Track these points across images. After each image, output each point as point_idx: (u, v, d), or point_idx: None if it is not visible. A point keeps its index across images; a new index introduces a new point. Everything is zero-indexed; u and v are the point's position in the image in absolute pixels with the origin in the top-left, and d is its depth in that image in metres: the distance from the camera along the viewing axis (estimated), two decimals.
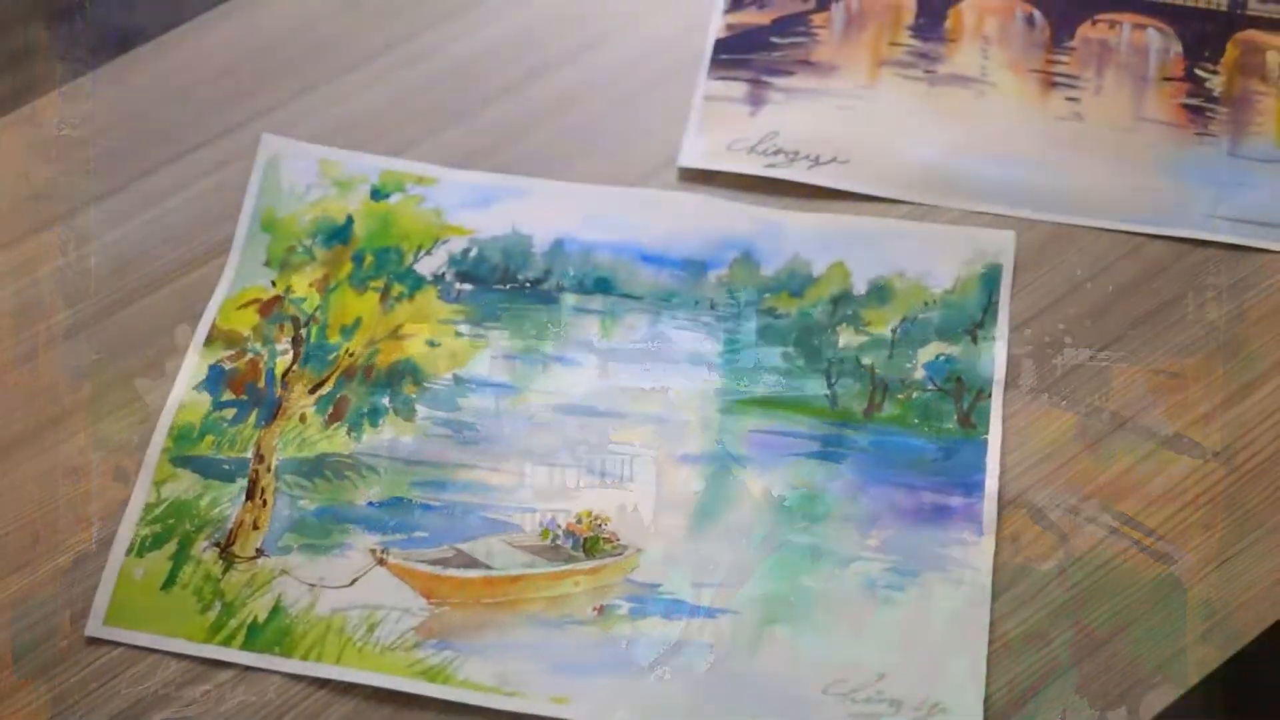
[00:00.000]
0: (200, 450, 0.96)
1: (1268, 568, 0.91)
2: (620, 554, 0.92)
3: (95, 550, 0.93)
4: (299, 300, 1.02)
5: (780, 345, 1.00)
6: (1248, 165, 1.07)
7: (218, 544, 0.93)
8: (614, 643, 0.89)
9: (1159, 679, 0.87)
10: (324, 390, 0.99)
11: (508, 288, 1.03)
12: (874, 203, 1.06)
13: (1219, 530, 0.92)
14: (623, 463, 0.96)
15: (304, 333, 1.01)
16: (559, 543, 0.93)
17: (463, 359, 1.00)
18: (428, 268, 1.04)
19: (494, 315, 1.02)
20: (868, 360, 1.00)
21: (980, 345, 1.00)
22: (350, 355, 1.00)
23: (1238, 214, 1.05)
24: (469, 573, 0.91)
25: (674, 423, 0.97)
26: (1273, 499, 0.93)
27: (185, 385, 0.99)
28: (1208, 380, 0.98)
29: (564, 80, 1.13)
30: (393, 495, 0.94)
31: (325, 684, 0.88)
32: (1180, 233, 1.04)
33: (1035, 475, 0.95)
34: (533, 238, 1.05)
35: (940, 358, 0.99)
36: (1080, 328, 1.01)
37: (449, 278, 1.03)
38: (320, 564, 0.92)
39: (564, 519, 0.94)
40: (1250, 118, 1.10)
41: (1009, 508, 0.94)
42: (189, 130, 1.11)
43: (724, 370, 0.99)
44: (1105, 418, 0.97)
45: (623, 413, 0.97)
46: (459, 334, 1.01)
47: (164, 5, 2.00)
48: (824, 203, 1.07)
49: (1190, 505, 0.93)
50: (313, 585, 0.91)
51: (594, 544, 0.93)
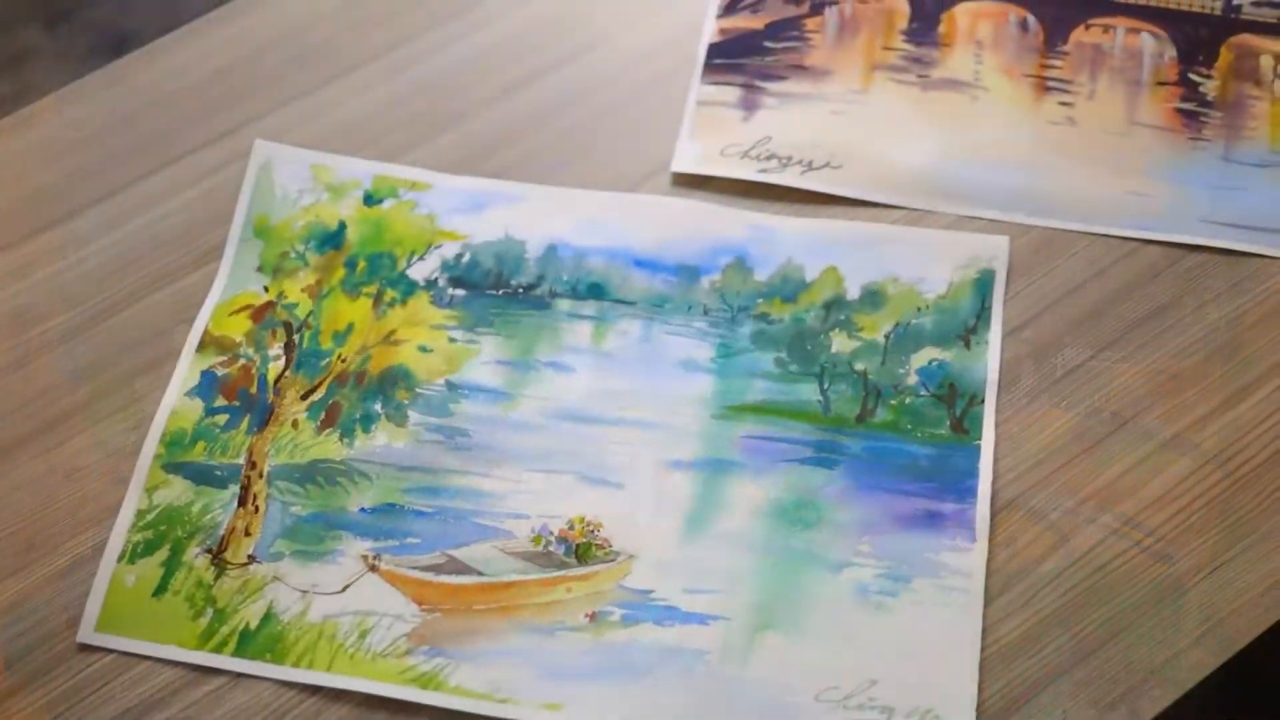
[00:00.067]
0: (192, 456, 0.96)
1: (1262, 573, 0.91)
2: (613, 560, 0.92)
3: (89, 556, 0.93)
4: (291, 306, 1.02)
5: (773, 351, 1.00)
6: (1242, 170, 1.07)
7: (210, 550, 0.93)
8: (606, 649, 0.89)
9: (1155, 683, 0.87)
10: (316, 396, 0.99)
11: (500, 293, 1.03)
12: (867, 208, 1.06)
13: (1214, 535, 0.92)
14: (615, 469, 0.95)
15: (296, 338, 1.01)
16: (551, 549, 0.93)
17: (455, 364, 1.00)
18: (420, 273, 1.04)
19: (487, 321, 1.02)
20: (861, 366, 0.99)
21: (974, 350, 1.00)
22: (343, 361, 1.00)
23: (1232, 218, 1.05)
24: (461, 579, 0.91)
25: (667, 428, 0.97)
26: (1267, 504, 0.93)
27: (177, 391, 0.99)
28: (1203, 385, 0.98)
29: (557, 85, 1.13)
30: (385, 501, 0.94)
31: (317, 691, 0.88)
32: (1175, 238, 1.04)
33: (1030, 479, 0.95)
34: (526, 243, 1.05)
35: (933, 363, 0.99)
36: (1074, 333, 1.01)
37: (442, 283, 1.03)
38: (312, 570, 0.92)
39: (556, 525, 0.93)
40: (1244, 122, 1.09)
41: (1004, 512, 0.93)
42: (183, 135, 1.11)
43: (717, 376, 0.99)
44: (1099, 422, 0.97)
45: (615, 418, 0.97)
46: (452, 339, 1.01)
47: (159, 9, 2.00)
48: (817, 208, 1.06)
49: (1185, 510, 0.93)
50: (305, 592, 0.91)
51: (587, 550, 0.93)
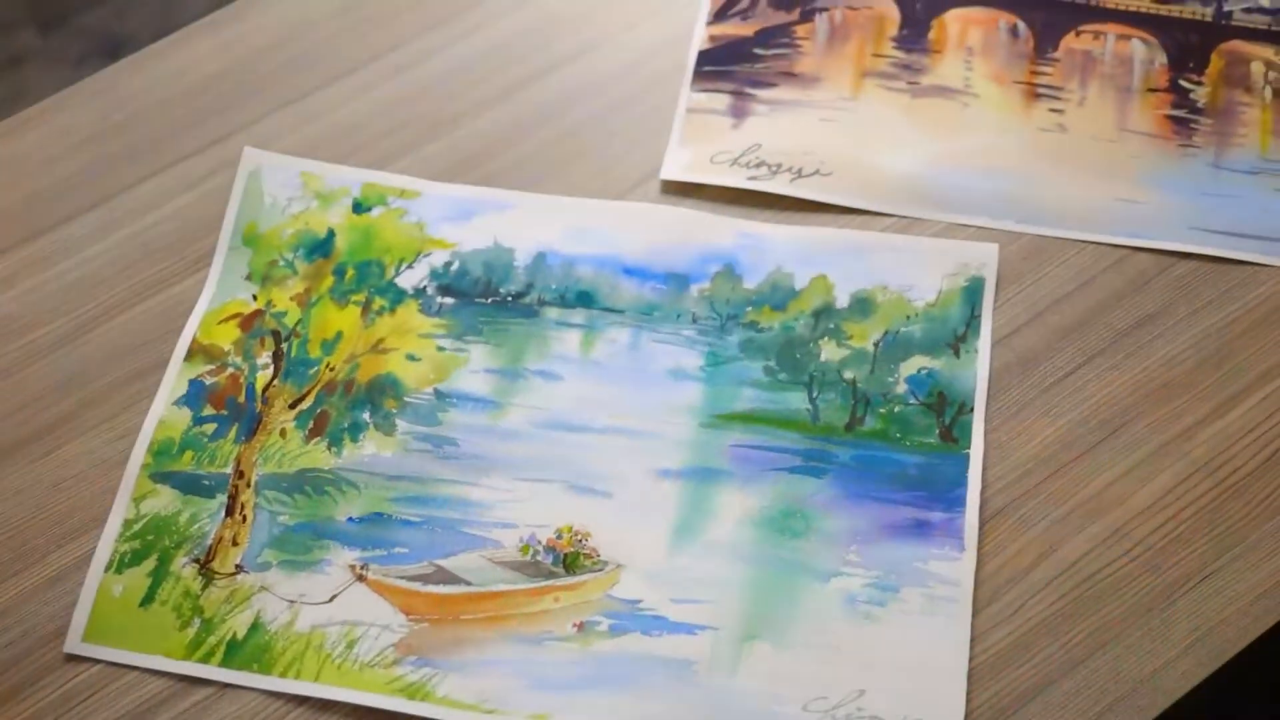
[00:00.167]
0: (180, 466, 0.96)
1: (1250, 582, 0.90)
2: (601, 569, 0.92)
3: (76, 566, 0.93)
4: (280, 314, 1.02)
5: (762, 359, 1.00)
6: (1232, 177, 1.07)
7: (197, 560, 0.93)
8: (594, 660, 0.89)
9: (1144, 693, 0.87)
10: (304, 405, 0.98)
11: (489, 301, 1.03)
12: (857, 215, 1.06)
13: (1202, 544, 0.92)
14: (604, 477, 0.95)
15: (285, 347, 1.01)
16: (539, 558, 0.92)
17: (444, 373, 1.00)
18: (409, 281, 1.03)
19: (475, 329, 1.01)
20: (850, 374, 0.99)
21: (963, 358, 0.99)
22: (331, 370, 1.00)
23: (1222, 226, 1.04)
24: (448, 589, 0.91)
25: (655, 437, 0.97)
26: (1256, 513, 0.93)
27: (165, 400, 0.99)
28: (1192, 394, 0.98)
29: (546, 93, 1.13)
30: (373, 511, 0.94)
31: (304, 701, 0.88)
32: (1164, 245, 1.04)
33: (1019, 488, 0.95)
34: (515, 251, 1.05)
35: (922, 371, 0.99)
36: (1064, 340, 1.00)
37: (430, 291, 1.03)
38: (300, 580, 0.92)
39: (545, 534, 0.93)
40: (1234, 129, 1.09)
41: (993, 520, 0.93)
42: (173, 143, 1.11)
43: (706, 384, 0.99)
44: (1088, 431, 0.97)
45: (604, 427, 0.97)
46: (440, 348, 1.01)
47: (154, 14, 2.00)
48: (807, 215, 1.06)
49: (1174, 519, 0.93)
50: (292, 601, 0.91)
51: (574, 560, 0.92)
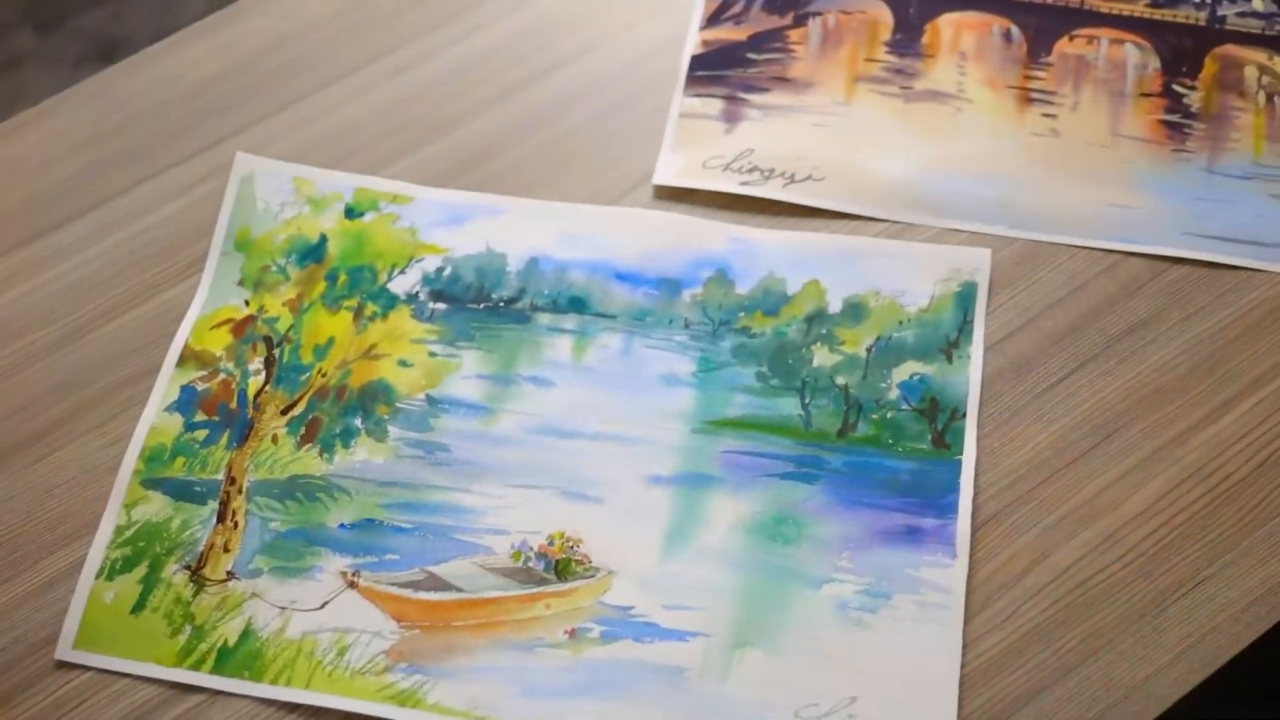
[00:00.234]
0: (171, 472, 0.96)
1: (1243, 589, 0.90)
2: (592, 576, 0.92)
3: (67, 572, 0.92)
4: (272, 320, 1.02)
5: (754, 365, 1.00)
6: (1225, 182, 1.07)
7: (188, 567, 0.92)
8: (586, 667, 0.89)
9: (1136, 699, 0.87)
10: (296, 411, 0.98)
11: (481, 307, 1.03)
12: (849, 220, 1.06)
13: (1195, 551, 0.92)
14: (596, 483, 0.95)
15: (276, 353, 1.01)
16: (531, 565, 0.92)
17: (436, 379, 0.99)
18: (401, 287, 1.03)
19: (467, 335, 1.01)
20: (842, 380, 0.99)
21: (955, 364, 0.99)
22: (323, 376, 1.00)
23: (1215, 231, 1.04)
24: (440, 595, 0.91)
25: (647, 443, 0.96)
26: (1248, 520, 0.93)
27: (157, 406, 0.98)
28: (1185, 399, 0.98)
29: (539, 98, 1.13)
30: (364, 517, 0.94)
31: (295, 708, 0.88)
32: (1157, 250, 1.04)
33: (1012, 494, 0.94)
34: (507, 256, 1.04)
35: (915, 377, 0.99)
36: (1056, 346, 1.00)
37: (423, 296, 1.03)
38: (291, 587, 0.92)
39: (536, 541, 0.93)
40: (1228, 134, 1.09)
41: (986, 527, 0.93)
42: (166, 147, 1.11)
43: (698, 390, 0.99)
44: (1081, 437, 0.96)
45: (596, 433, 0.97)
46: (432, 354, 1.00)
47: (151, 16, 2.00)
48: (799, 220, 1.06)
49: (1166, 525, 0.93)
50: (283, 608, 0.91)
51: (566, 566, 0.92)
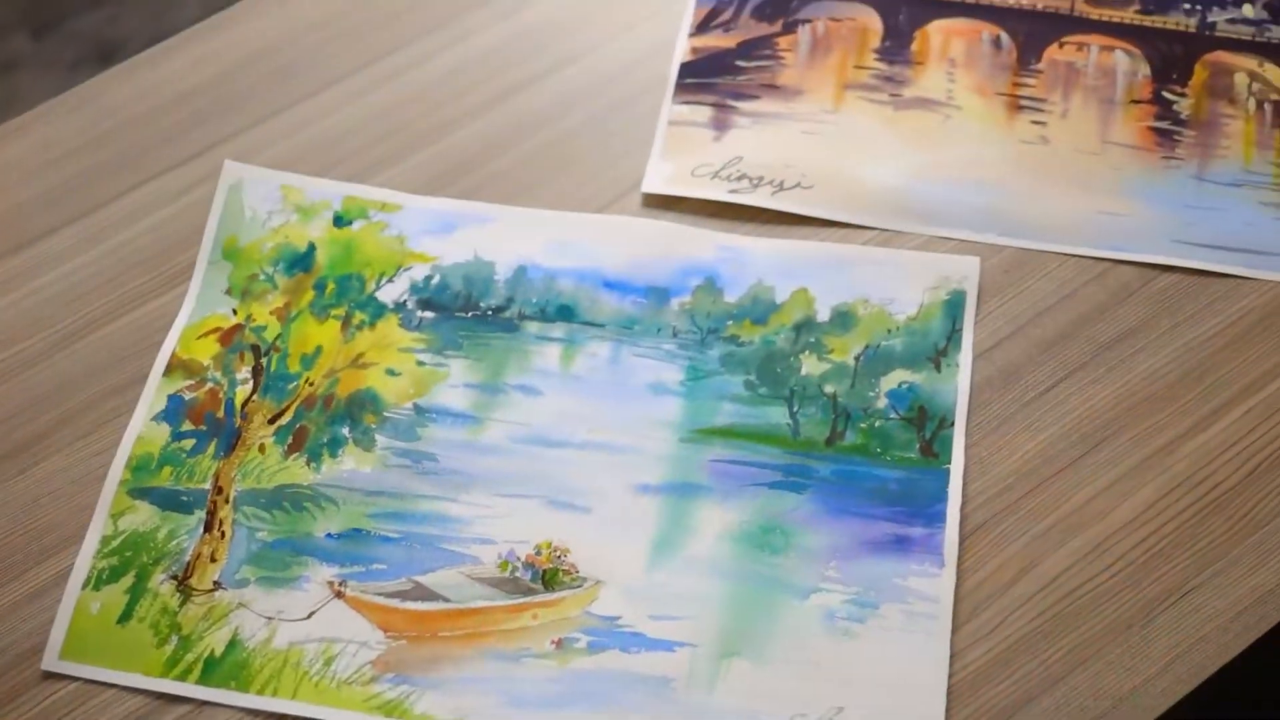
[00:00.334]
0: (158, 481, 0.96)
1: (1231, 599, 0.90)
2: (579, 586, 0.92)
3: (54, 582, 0.92)
4: (260, 329, 1.02)
5: (742, 373, 0.99)
6: (1215, 189, 1.06)
7: (175, 577, 0.92)
8: (572, 677, 0.88)
9: (1124, 710, 0.87)
10: (283, 420, 0.98)
11: (469, 315, 1.02)
12: (838, 228, 1.06)
13: (1183, 560, 0.92)
14: (583, 492, 0.95)
15: (264, 362, 1.00)
16: (518, 575, 0.92)
17: (424, 388, 0.99)
18: (389, 295, 1.03)
19: (455, 343, 1.01)
20: (830, 388, 0.99)
21: (944, 373, 0.99)
22: (310, 385, 0.99)
23: (1205, 239, 1.04)
24: (427, 605, 0.91)
25: (635, 452, 0.96)
26: (1237, 529, 0.93)
27: (144, 416, 0.98)
28: (1174, 408, 0.98)
29: (527, 106, 1.13)
30: (351, 527, 0.94)
31: (282, 718, 0.88)
32: (1147, 258, 1.04)
33: (1000, 503, 0.94)
34: (495, 264, 1.04)
35: (903, 385, 0.99)
36: (1045, 354, 1.00)
37: (411, 305, 1.03)
38: (278, 596, 0.91)
39: (524, 550, 0.93)
40: (1218, 141, 1.09)
41: (974, 536, 0.93)
42: (154, 155, 1.11)
43: (685, 399, 0.98)
44: (1070, 445, 0.96)
45: (583, 442, 0.97)
46: (420, 363, 1.00)
47: (146, 20, 2.00)
48: (788, 228, 1.06)
49: (1155, 534, 0.93)
50: (270, 618, 0.91)
51: (553, 576, 0.92)
